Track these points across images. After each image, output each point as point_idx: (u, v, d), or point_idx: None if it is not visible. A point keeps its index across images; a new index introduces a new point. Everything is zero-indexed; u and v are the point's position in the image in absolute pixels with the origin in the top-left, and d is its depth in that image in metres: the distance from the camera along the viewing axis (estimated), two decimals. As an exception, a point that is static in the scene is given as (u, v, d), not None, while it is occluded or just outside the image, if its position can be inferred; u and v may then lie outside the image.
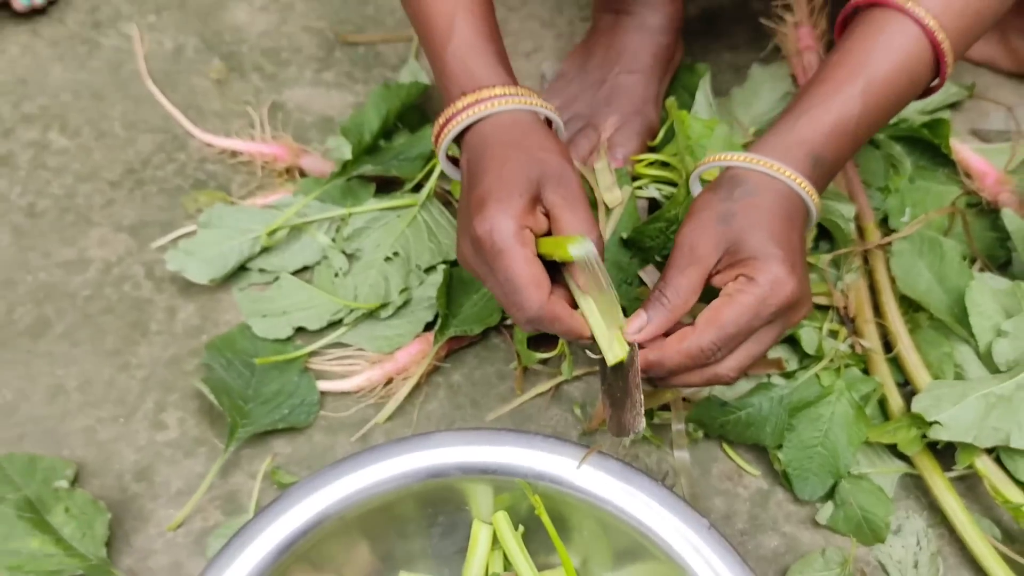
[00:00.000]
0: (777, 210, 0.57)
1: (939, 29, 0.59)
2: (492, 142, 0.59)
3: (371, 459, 0.62)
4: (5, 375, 0.76)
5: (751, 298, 0.55)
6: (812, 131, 0.59)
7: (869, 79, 0.60)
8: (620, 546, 0.62)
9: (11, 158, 0.91)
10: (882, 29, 0.60)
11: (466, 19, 0.62)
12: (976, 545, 0.68)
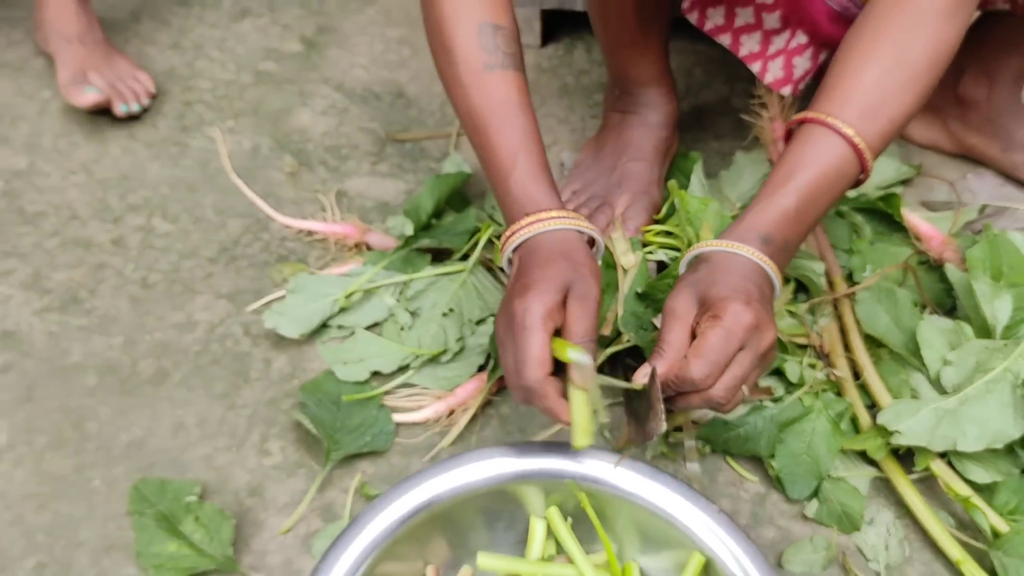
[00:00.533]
0: (732, 271, 0.72)
1: (856, 135, 0.75)
2: (542, 249, 0.74)
3: (445, 468, 0.78)
4: (135, 416, 0.92)
5: (720, 330, 0.69)
6: (759, 220, 0.75)
7: (801, 179, 0.75)
8: (648, 532, 0.77)
9: (123, 240, 1.09)
10: (811, 140, 0.76)
11: (527, 156, 0.78)
12: (935, 531, 0.83)
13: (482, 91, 0.79)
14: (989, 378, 0.84)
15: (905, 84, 0.77)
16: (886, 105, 0.76)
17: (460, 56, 0.79)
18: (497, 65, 0.79)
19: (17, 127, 1.23)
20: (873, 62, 0.77)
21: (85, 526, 0.84)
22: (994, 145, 1.16)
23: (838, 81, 0.77)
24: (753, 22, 1.04)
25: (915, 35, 0.76)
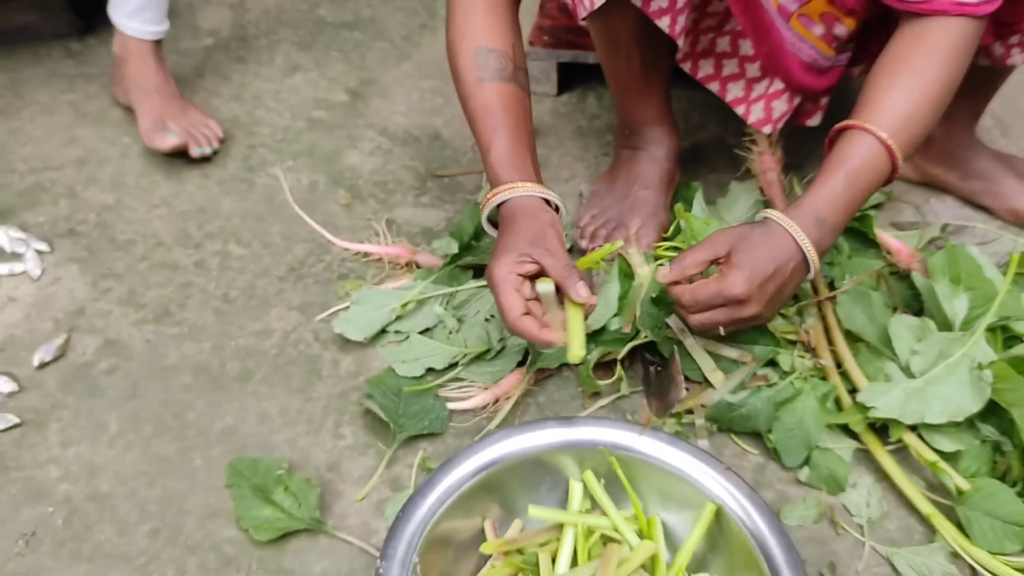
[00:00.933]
0: (771, 246, 0.89)
1: (888, 138, 0.92)
2: (510, 215, 0.93)
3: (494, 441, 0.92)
4: (226, 407, 1.07)
5: (714, 286, 0.88)
6: (816, 202, 0.92)
7: (847, 169, 0.93)
8: (668, 490, 0.92)
9: (204, 263, 1.24)
10: (853, 141, 0.93)
11: (502, 141, 0.97)
12: (908, 491, 0.97)
13: (475, 98, 0.99)
14: (949, 363, 1.00)
15: (923, 103, 0.95)
16: (910, 118, 0.94)
17: (460, 72, 1.01)
18: (486, 79, 0.99)
19: (103, 168, 1.39)
20: (898, 85, 0.95)
21: (190, 497, 0.98)
22: (953, 175, 1.33)
23: (871, 98, 0.95)
24: (737, 71, 1.21)
25: (930, 66, 0.95)
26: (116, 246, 1.26)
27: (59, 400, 1.07)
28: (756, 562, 0.84)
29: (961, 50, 0.94)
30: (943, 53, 0.93)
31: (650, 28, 1.05)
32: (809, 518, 0.97)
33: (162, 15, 1.42)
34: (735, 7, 1.06)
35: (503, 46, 1.01)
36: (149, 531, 0.95)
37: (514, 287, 0.88)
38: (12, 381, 1.08)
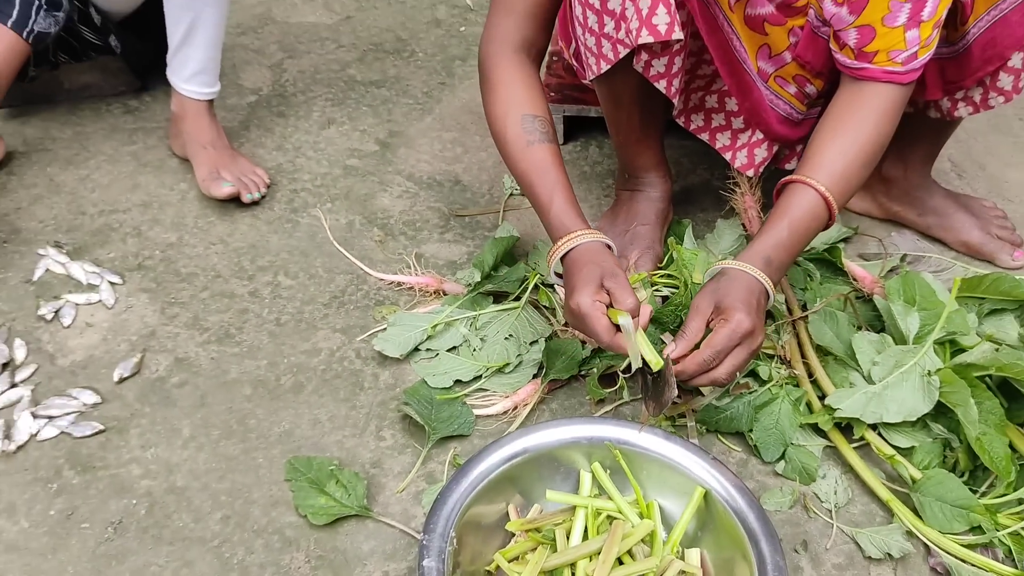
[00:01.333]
0: (741, 285, 1.05)
1: (827, 192, 1.09)
2: (577, 259, 1.08)
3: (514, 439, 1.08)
4: (282, 415, 1.22)
5: (727, 329, 1.02)
6: (763, 246, 1.08)
7: (790, 219, 1.09)
8: (664, 478, 1.07)
9: (257, 292, 1.41)
10: (796, 193, 1.09)
11: (560, 196, 1.12)
12: (870, 481, 1.12)
13: (527, 159, 1.15)
14: (903, 371, 1.16)
15: (856, 159, 1.11)
16: (845, 172, 1.11)
17: (511, 139, 1.16)
18: (535, 141, 1.15)
19: (165, 211, 1.56)
20: (835, 144, 1.12)
21: (255, 490, 1.13)
22: (911, 211, 1.50)
23: (813, 155, 1.11)
24: (724, 124, 1.39)
25: (862, 127, 1.11)
26: (180, 278, 1.43)
27: (137, 410, 1.22)
28: (740, 538, 0.99)
29: (889, 112, 1.11)
30: (874, 115, 1.10)
31: (649, 88, 1.23)
32: (785, 504, 1.12)
33: (215, 78, 1.60)
34: (722, 70, 1.24)
35: (543, 112, 1.17)
36: (221, 518, 1.10)
37: (601, 312, 1.02)
38: (95, 394, 1.24)
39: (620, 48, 1.15)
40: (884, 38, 1.07)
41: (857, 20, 1.09)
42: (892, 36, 1.07)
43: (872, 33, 1.08)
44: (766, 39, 1.26)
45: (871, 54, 1.09)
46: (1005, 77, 1.27)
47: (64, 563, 1.05)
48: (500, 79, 1.18)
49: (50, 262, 1.44)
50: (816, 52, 1.23)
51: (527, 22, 1.20)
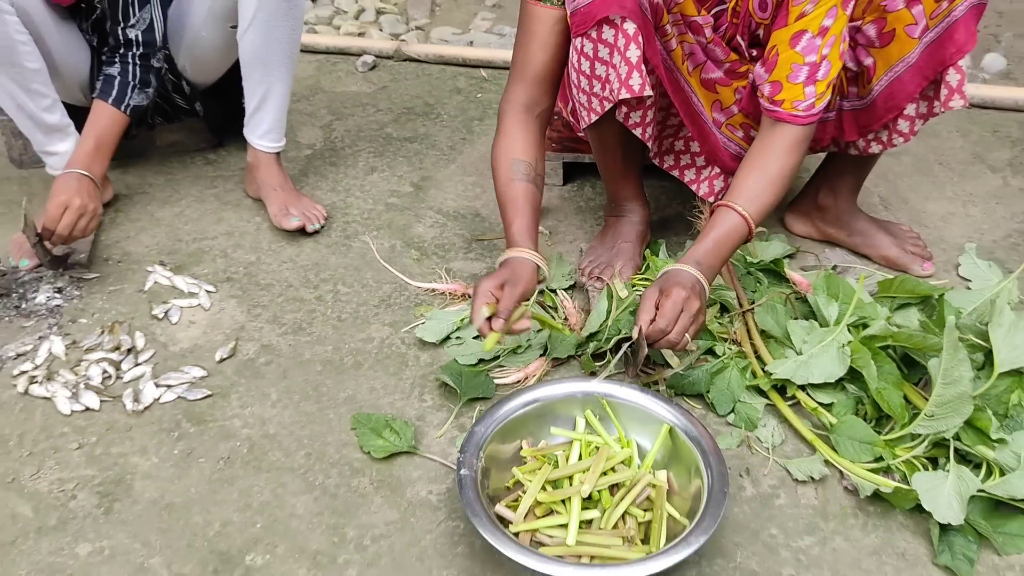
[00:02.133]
0: (679, 276, 1.35)
1: (744, 211, 1.43)
2: (509, 263, 1.42)
3: (528, 390, 1.41)
4: (346, 384, 1.55)
5: (669, 301, 1.33)
6: (694, 253, 1.40)
7: (716, 234, 1.42)
8: (639, 420, 1.39)
9: (322, 297, 1.75)
10: (722, 214, 1.43)
11: (520, 220, 1.48)
12: (799, 427, 1.44)
13: (506, 192, 1.51)
14: (824, 344, 1.49)
15: (769, 186, 1.46)
16: (760, 196, 1.45)
17: (499, 176, 1.53)
18: (516, 180, 1.51)
19: (244, 238, 1.92)
20: (752, 175, 1.46)
21: (329, 436, 1.46)
22: (842, 233, 1.85)
23: (735, 184, 1.46)
24: (690, 162, 1.75)
25: (775, 160, 1.46)
26: (260, 287, 1.78)
27: (235, 381, 1.56)
28: (695, 457, 1.30)
29: (794, 146, 1.46)
30: (783, 148, 1.45)
31: (628, 135, 1.59)
32: (733, 444, 1.44)
33: (281, 135, 1.98)
34: (686, 121, 1.61)
35: (530, 158, 1.53)
36: (304, 455, 1.42)
37: (485, 299, 1.37)
38: (202, 370, 1.57)
39: (605, 103, 1.52)
40: (788, 91, 1.44)
41: (770, 77, 1.46)
42: (794, 90, 1.44)
43: (780, 87, 1.45)
44: (717, 96, 1.63)
45: (780, 102, 1.45)
46: (903, 122, 1.63)
47: (188, 486, 1.37)
48: (505, 130, 1.55)
49: (157, 276, 1.79)
50: (755, 105, 1.59)
51: (534, 86, 1.57)
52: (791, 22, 1.45)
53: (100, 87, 1.79)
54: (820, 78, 1.43)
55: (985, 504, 1.31)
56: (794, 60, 1.45)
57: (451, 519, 1.31)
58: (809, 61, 1.44)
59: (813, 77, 1.43)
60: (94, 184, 1.72)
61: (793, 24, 1.44)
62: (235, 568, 1.24)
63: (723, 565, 1.24)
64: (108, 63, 1.81)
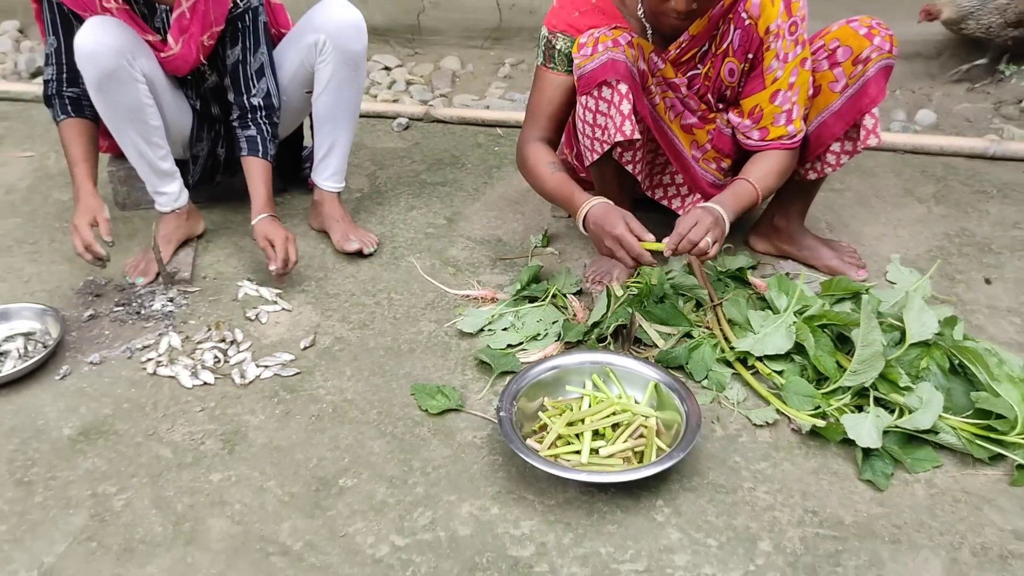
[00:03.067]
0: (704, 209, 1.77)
1: (755, 184, 1.86)
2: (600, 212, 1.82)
3: (549, 360, 1.82)
4: (404, 364, 1.95)
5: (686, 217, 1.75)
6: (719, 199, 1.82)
7: (735, 191, 1.85)
8: (635, 383, 1.79)
9: (380, 302, 2.17)
10: (738, 183, 1.87)
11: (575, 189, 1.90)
12: (757, 387, 1.84)
13: (552, 180, 1.93)
14: (775, 325, 1.90)
15: (770, 173, 1.90)
16: (765, 178, 1.88)
17: (541, 174, 1.95)
18: (555, 171, 1.93)
19: (313, 260, 2.34)
20: (758, 167, 1.91)
21: (394, 399, 1.85)
22: (793, 248, 2.27)
23: (747, 169, 1.90)
24: (675, 193, 2.19)
25: (774, 162, 1.91)
26: (330, 296, 2.19)
27: (317, 363, 1.96)
28: (675, 403, 1.70)
29: (787, 159, 1.91)
30: (776, 157, 1.90)
31: (623, 170, 2.03)
32: (707, 401, 1.83)
33: (343, 178, 2.42)
34: (670, 157, 2.05)
35: (556, 159, 1.97)
36: (376, 412, 1.82)
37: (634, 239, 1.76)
38: (291, 355, 1.97)
39: (604, 145, 1.96)
40: (774, 132, 1.90)
41: (758, 125, 1.91)
42: (779, 130, 1.89)
43: (768, 131, 1.91)
44: (694, 137, 2.08)
45: (771, 141, 1.91)
46: (830, 156, 2.08)
47: (289, 434, 1.76)
48: (530, 153, 1.99)
49: (246, 288, 2.21)
50: (724, 142, 2.04)
51: (544, 127, 2.01)
52: (768, 86, 1.90)
53: (247, 148, 2.23)
54: (795, 117, 1.90)
55: (899, 437, 1.70)
56: (775, 112, 1.90)
57: (492, 454, 1.70)
58: (786, 109, 1.90)
59: (790, 118, 1.89)
60: (278, 222, 2.19)
61: (770, 87, 1.90)
62: (332, 488, 1.63)
63: (699, 481, 1.63)
64: (243, 127, 2.25)
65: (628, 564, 1.47)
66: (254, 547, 1.51)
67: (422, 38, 3.73)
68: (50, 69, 2.14)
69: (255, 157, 2.24)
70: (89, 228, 2.02)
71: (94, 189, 2.08)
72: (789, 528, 1.54)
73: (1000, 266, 2.27)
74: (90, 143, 2.15)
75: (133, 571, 1.47)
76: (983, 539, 1.51)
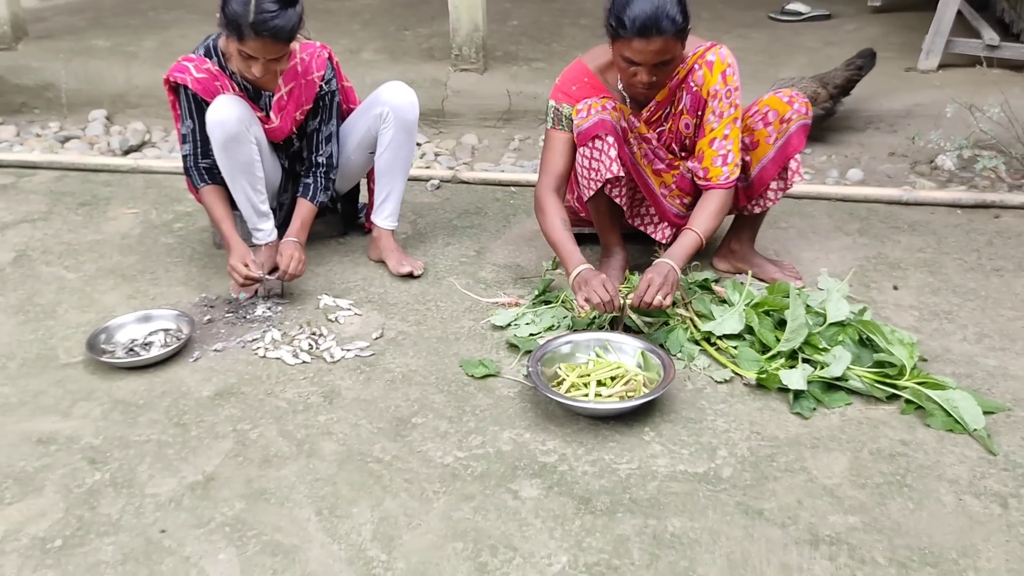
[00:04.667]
0: (660, 266, 2.38)
1: (700, 233, 2.47)
2: (587, 273, 2.44)
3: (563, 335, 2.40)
4: (452, 348, 2.53)
5: (644, 281, 2.37)
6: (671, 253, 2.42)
7: (683, 241, 2.46)
8: (627, 352, 2.37)
9: (430, 309, 2.75)
10: (686, 233, 2.48)
11: (575, 249, 2.51)
12: (718, 357, 2.42)
13: (557, 235, 2.54)
14: (731, 313, 2.49)
15: (710, 217, 2.51)
16: (705, 224, 2.49)
17: (553, 227, 2.56)
18: (564, 227, 2.55)
19: (374, 281, 2.94)
20: (701, 214, 2.51)
21: (448, 371, 2.41)
22: (745, 265, 2.88)
23: (693, 219, 2.51)
24: (650, 221, 2.82)
25: (713, 206, 2.52)
26: (390, 304, 2.78)
27: (386, 348, 2.54)
28: (656, 363, 2.29)
29: (723, 200, 2.52)
30: (717, 201, 2.51)
31: (613, 203, 2.66)
32: (681, 367, 2.40)
33: (396, 218, 3.03)
34: (645, 194, 2.68)
35: (563, 215, 2.58)
36: (435, 378, 2.38)
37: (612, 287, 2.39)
38: (365, 343, 2.55)
39: (597, 183, 2.59)
40: (714, 172, 2.51)
41: (701, 166, 2.55)
42: (717, 171, 2.51)
43: (708, 171, 2.52)
44: (663, 179, 2.72)
45: (711, 179, 2.52)
46: (770, 193, 2.71)
47: (371, 391, 2.32)
48: (547, 203, 2.59)
49: (326, 300, 2.80)
50: (685, 184, 2.67)
51: (556, 177, 2.64)
52: (707, 134, 2.54)
53: (302, 191, 2.86)
54: (729, 162, 2.52)
55: (820, 385, 2.27)
56: (713, 155, 2.54)
57: (523, 402, 2.26)
58: (721, 154, 2.53)
59: (725, 161, 2.52)
60: (301, 246, 2.76)
61: (708, 135, 2.54)
62: (407, 424, 2.18)
63: (675, 416, 2.19)
64: (305, 176, 2.88)
65: (625, 465, 2.02)
66: (356, 458, 2.06)
67: (446, 120, 4.43)
68: (187, 146, 2.77)
69: (304, 199, 2.87)
70: (244, 266, 2.63)
71: (240, 239, 2.71)
72: (740, 442, 2.10)
73: (906, 278, 2.88)
74: (227, 203, 2.78)
75: (272, 473, 2.02)
76: (878, 444, 2.07)
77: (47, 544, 1.82)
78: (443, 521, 1.86)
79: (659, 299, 2.34)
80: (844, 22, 5.44)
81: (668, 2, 2.26)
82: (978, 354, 2.43)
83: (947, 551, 1.75)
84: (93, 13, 5.97)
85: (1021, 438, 2.09)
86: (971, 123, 3.61)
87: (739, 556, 1.75)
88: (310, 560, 1.76)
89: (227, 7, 2.43)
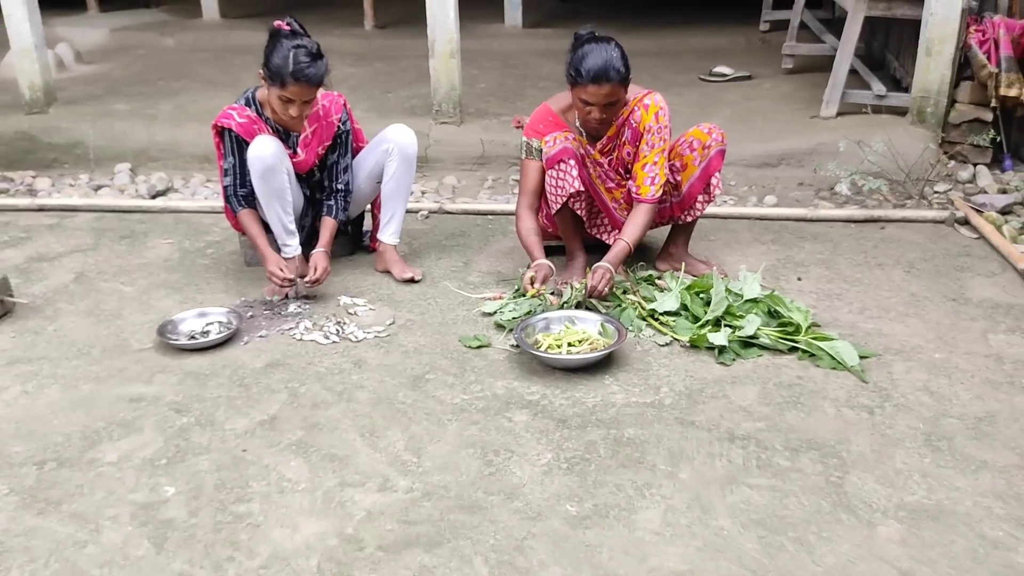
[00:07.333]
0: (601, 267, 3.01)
1: (629, 241, 3.10)
2: (537, 267, 3.06)
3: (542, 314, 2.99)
4: (453, 330, 3.08)
5: (595, 275, 2.99)
6: (607, 258, 3.05)
7: (615, 250, 3.07)
8: (590, 323, 2.96)
9: (431, 304, 3.32)
10: (618, 243, 3.10)
11: (539, 248, 3.14)
12: (661, 328, 3.03)
13: (527, 240, 3.18)
14: (670, 295, 3.11)
15: (639, 230, 3.15)
16: (633, 234, 3.13)
17: (523, 233, 3.20)
18: (532, 232, 3.18)
19: (382, 286, 3.50)
20: (630, 226, 3.15)
21: (450, 343, 2.96)
22: (680, 265, 3.51)
23: (624, 230, 3.15)
24: (605, 230, 3.44)
25: (642, 219, 3.16)
26: (397, 301, 3.33)
27: (398, 331, 3.08)
28: (612, 331, 2.88)
29: (649, 213, 3.16)
30: (645, 214, 3.15)
31: (575, 215, 3.28)
32: (632, 336, 3.00)
33: (399, 236, 3.62)
34: (600, 207, 3.31)
35: (535, 225, 3.21)
36: (440, 349, 2.93)
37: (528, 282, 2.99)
38: (382, 327, 3.11)
39: (562, 197, 3.21)
40: (644, 189, 3.15)
41: (635, 183, 3.19)
42: (647, 188, 3.15)
43: (639, 188, 3.16)
44: (613, 195, 3.35)
45: (641, 195, 3.16)
46: (698, 204, 3.36)
47: (390, 360, 2.87)
48: (522, 217, 3.21)
49: (345, 299, 3.35)
50: (630, 199, 3.31)
51: (531, 198, 3.26)
52: (641, 159, 3.19)
53: (326, 211, 3.42)
54: (656, 183, 3.16)
55: (738, 343, 2.88)
56: (644, 176, 3.18)
57: (510, 363, 2.83)
58: (651, 176, 3.17)
59: (653, 182, 3.16)
60: (328, 256, 3.33)
61: (641, 160, 3.18)
62: (421, 380, 2.73)
63: (627, 368, 2.78)
64: (327, 199, 3.46)
65: (591, 399, 2.60)
66: (385, 402, 2.60)
67: (429, 164, 5.05)
68: (228, 178, 3.34)
69: (328, 217, 3.45)
70: (280, 271, 3.18)
71: (273, 251, 3.28)
72: (678, 382, 2.69)
73: (807, 272, 3.53)
74: (261, 223, 3.33)
75: (321, 413, 2.55)
76: (780, 379, 2.68)
77: (155, 462, 2.32)
78: (457, 437, 2.40)
79: (601, 288, 2.98)
80: (762, 81, 6.25)
81: (615, 58, 2.93)
82: (859, 321, 3.07)
83: (828, 441, 2.35)
84: (107, 83, 6.55)
85: (887, 373, 2.71)
86: (861, 156, 4.34)
87: (677, 449, 2.32)
88: (360, 463, 2.29)
89: (271, 63, 3.04)
